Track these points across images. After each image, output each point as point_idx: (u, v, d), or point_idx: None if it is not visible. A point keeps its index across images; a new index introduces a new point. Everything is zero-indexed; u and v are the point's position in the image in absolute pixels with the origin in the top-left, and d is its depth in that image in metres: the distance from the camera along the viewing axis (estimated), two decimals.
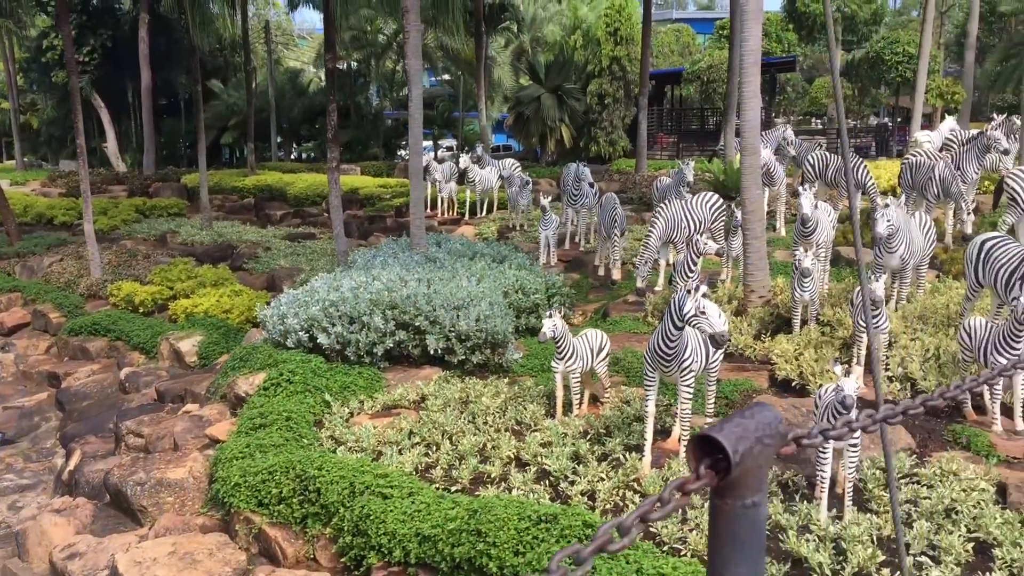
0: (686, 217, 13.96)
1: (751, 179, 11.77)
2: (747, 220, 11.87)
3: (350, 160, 37.95)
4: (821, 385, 8.38)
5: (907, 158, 16.87)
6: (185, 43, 30.72)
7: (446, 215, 25.47)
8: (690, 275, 12.35)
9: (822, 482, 7.38)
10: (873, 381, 9.45)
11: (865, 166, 16.76)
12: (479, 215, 24.66)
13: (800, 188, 12.03)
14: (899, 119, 35.42)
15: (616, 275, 15.78)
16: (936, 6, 36.31)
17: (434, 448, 8.96)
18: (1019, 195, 13.57)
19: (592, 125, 36.50)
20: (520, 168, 25.51)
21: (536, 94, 34.16)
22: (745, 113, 11.62)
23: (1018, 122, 20.79)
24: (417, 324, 11.89)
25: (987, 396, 8.68)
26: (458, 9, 22.86)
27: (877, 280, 9.40)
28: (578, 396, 9.83)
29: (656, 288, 14.16)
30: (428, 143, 43.41)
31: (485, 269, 14.60)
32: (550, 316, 9.56)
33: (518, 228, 21.87)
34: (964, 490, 7.44)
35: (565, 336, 9.58)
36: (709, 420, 9.11)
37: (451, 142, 40.38)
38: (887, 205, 10.76)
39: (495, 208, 24.95)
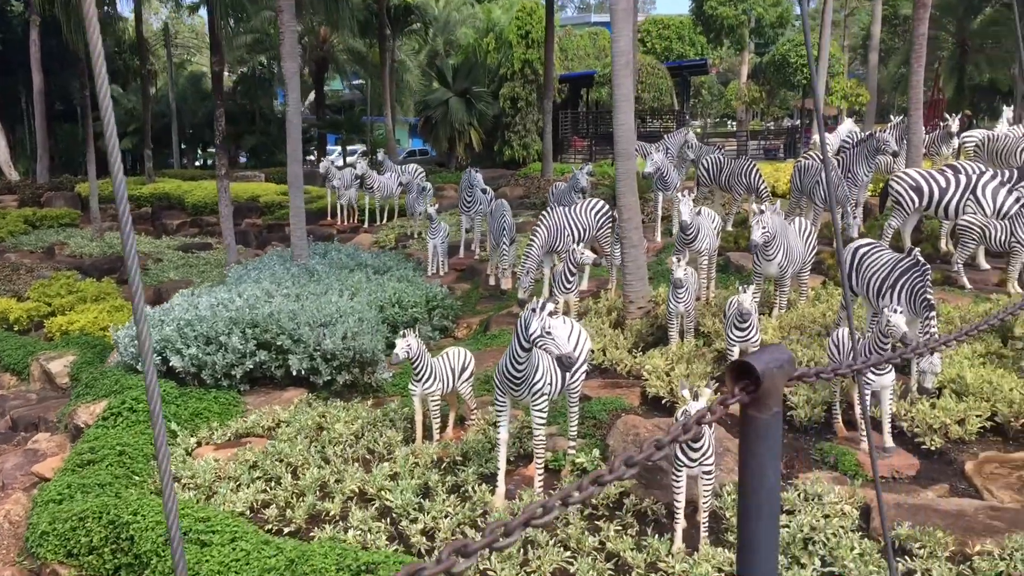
0: (569, 225, 13.45)
1: (626, 185, 11.30)
2: (624, 228, 11.40)
3: (255, 166, 36.79)
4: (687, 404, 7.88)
5: (798, 161, 16.67)
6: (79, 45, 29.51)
7: (346, 223, 24.66)
8: (568, 286, 11.84)
9: (677, 511, 6.90)
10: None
11: (757, 169, 16.53)
12: (379, 223, 23.91)
13: (679, 195, 11.63)
14: (806, 121, 35.72)
15: (505, 285, 15.23)
16: (840, 8, 36.71)
17: (275, 483, 8.24)
18: (903, 198, 13.40)
19: (506, 129, 36.04)
20: (424, 174, 24.86)
21: (444, 98, 33.52)
22: (618, 116, 11.14)
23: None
24: (279, 343, 11.14)
25: (857, 411, 8.31)
26: (350, 10, 22.11)
27: (745, 291, 8.99)
28: (438, 420, 9.20)
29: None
30: (339, 148, 42.42)
31: (362, 282, 13.91)
32: (403, 335, 8.94)
33: (416, 236, 21.20)
34: (826, 516, 7.02)
35: (421, 356, 8.96)
36: (572, 444, 8.57)
37: (361, 147, 39.52)
38: (762, 211, 10.38)
39: (396, 215, 24.22)
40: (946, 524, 6.83)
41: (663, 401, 9.33)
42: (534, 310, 7.19)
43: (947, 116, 20.16)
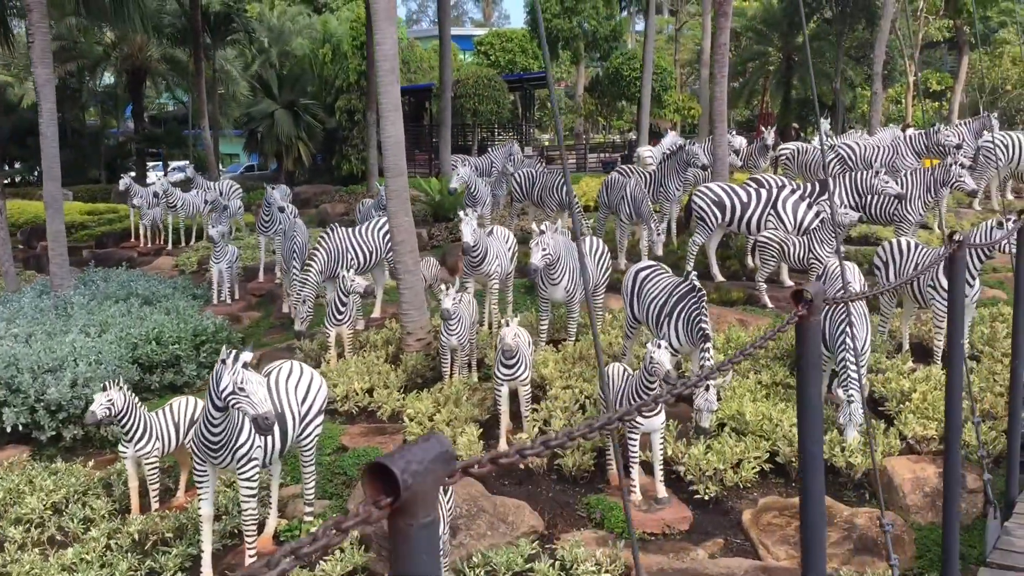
0: (354, 247, 12.22)
1: (397, 204, 10.18)
2: (397, 251, 10.27)
3: (65, 184, 33.82)
4: None
5: (606, 176, 15.99)
6: None
7: (149, 245, 22.63)
8: (339, 317, 10.61)
9: None
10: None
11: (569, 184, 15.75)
12: (183, 244, 22.03)
13: (461, 213, 10.59)
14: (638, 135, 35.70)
15: None
16: (672, 24, 36.85)
17: None
18: (706, 214, 12.82)
19: (343, 143, 34.54)
20: (240, 190, 23.20)
21: (269, 110, 31.68)
22: (385, 127, 10.02)
23: (730, 137, 20.68)
24: None
25: (623, 456, 7.41)
26: (141, 13, 20.13)
27: (510, 324, 7.99)
28: (156, 486, 7.80)
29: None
30: (159, 163, 39.79)
31: (116, 316, 12.26)
32: (104, 390, 7.52)
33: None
34: None
35: (130, 412, 7.56)
36: (309, 510, 7.34)
37: (183, 163, 37.17)
38: (542, 232, 9.45)
39: (204, 236, 22.37)
40: None
41: None
42: (224, 361, 5.94)
43: (763, 129, 20.06)
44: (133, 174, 34.68)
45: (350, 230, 12.46)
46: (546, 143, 57.27)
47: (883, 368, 9.11)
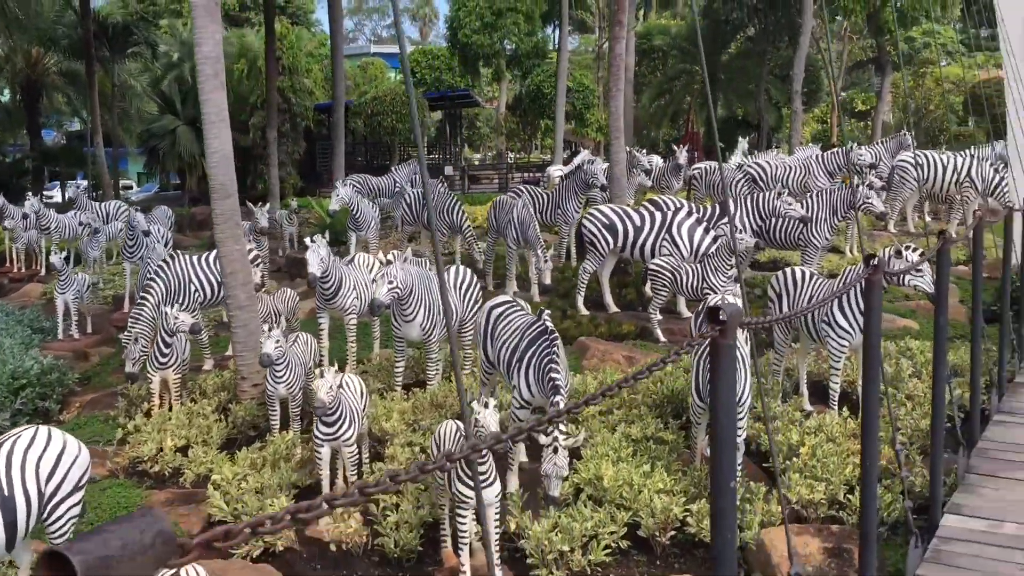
0: (198, 278, 10.83)
1: (226, 230, 8.87)
2: (227, 284, 8.95)
3: None
4: None
5: (499, 197, 14.86)
6: None
7: (23, 270, 20.91)
8: (163, 360, 9.22)
9: None
10: None
11: (460, 206, 14.59)
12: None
13: (308, 240, 9.32)
14: (567, 153, 34.79)
15: None
16: (598, 42, 36.03)
17: None
18: (597, 239, 11.73)
19: (258, 160, 33.07)
20: (128, 212, 21.62)
21: (171, 126, 30.00)
22: (210, 141, 8.74)
23: (642, 156, 19.78)
24: None
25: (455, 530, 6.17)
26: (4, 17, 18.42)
27: (324, 376, 6.71)
28: None
29: None
30: (57, 182, 37.68)
31: None
32: None
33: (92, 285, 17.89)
34: None
35: None
36: None
37: (81, 182, 35.12)
38: (389, 263, 8.22)
39: (82, 261, 20.71)
40: None
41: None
42: None
43: (675, 148, 19.17)
44: (30, 194, 32.61)
45: (195, 258, 11.07)
46: (476, 162, 56.25)
47: (773, 415, 8.03)
